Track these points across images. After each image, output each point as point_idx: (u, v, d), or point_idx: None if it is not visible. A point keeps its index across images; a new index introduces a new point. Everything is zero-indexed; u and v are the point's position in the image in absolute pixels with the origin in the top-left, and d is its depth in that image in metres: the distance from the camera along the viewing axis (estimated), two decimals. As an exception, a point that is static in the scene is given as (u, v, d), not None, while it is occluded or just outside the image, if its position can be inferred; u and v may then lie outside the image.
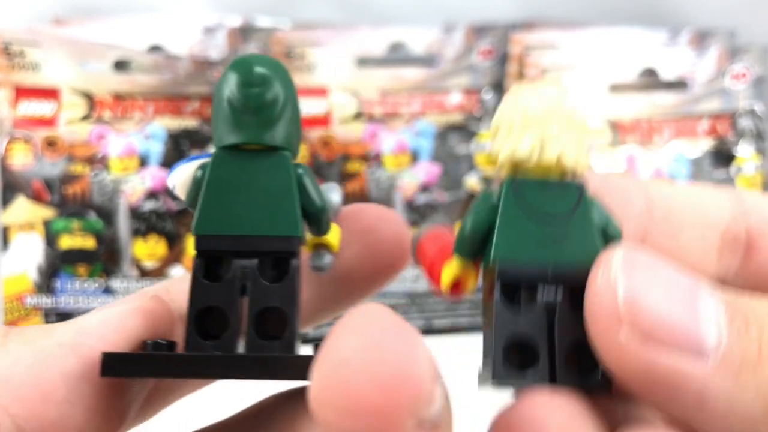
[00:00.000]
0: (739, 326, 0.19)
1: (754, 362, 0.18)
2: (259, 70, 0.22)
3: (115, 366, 0.20)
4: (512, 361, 0.21)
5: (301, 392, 0.24)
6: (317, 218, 0.23)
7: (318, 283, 0.26)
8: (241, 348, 0.22)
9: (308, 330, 0.26)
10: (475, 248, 0.22)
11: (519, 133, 0.22)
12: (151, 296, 0.23)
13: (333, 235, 0.25)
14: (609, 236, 0.22)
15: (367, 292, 0.27)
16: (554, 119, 0.22)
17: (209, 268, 0.22)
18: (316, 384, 0.17)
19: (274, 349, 0.21)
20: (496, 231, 0.21)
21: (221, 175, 0.22)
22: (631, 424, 0.20)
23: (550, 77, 0.23)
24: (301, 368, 0.20)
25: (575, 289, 0.21)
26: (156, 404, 0.25)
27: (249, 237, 0.22)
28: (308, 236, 0.24)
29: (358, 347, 0.16)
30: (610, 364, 0.19)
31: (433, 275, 0.24)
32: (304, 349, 0.23)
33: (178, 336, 0.22)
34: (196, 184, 0.23)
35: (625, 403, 0.23)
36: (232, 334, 0.21)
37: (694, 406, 0.18)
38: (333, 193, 0.25)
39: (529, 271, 0.21)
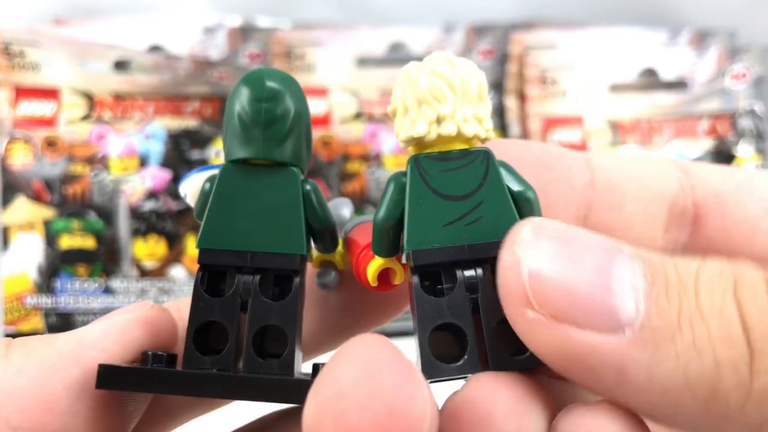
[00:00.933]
0: (658, 292, 0.18)
1: (672, 331, 0.17)
2: (270, 84, 0.22)
3: (111, 379, 0.20)
4: (442, 353, 0.20)
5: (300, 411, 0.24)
6: (323, 236, 0.23)
7: (322, 308, 0.25)
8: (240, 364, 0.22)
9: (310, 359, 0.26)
10: (391, 242, 0.22)
11: (414, 113, 0.21)
12: (153, 305, 0.23)
13: (340, 253, 0.24)
14: (524, 201, 0.21)
15: (372, 324, 0.26)
16: (447, 92, 0.21)
17: (211, 282, 0.22)
18: (310, 412, 0.16)
19: (273, 368, 0.21)
20: (406, 221, 0.21)
21: (228, 189, 0.22)
22: (575, 403, 0.19)
23: (443, 54, 0.22)
24: (297, 392, 0.20)
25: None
26: (164, 422, 0.25)
27: (253, 253, 0.22)
28: (315, 253, 0.24)
29: (355, 379, 0.16)
30: (526, 343, 0.19)
31: (359, 272, 0.23)
32: (305, 367, 0.23)
33: (181, 348, 0.22)
34: (203, 197, 0.22)
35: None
36: (230, 350, 0.21)
37: (613, 381, 0.17)
38: (343, 209, 0.25)
39: (445, 257, 0.21)
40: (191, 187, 0.24)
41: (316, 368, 0.21)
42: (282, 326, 0.21)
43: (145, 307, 0.23)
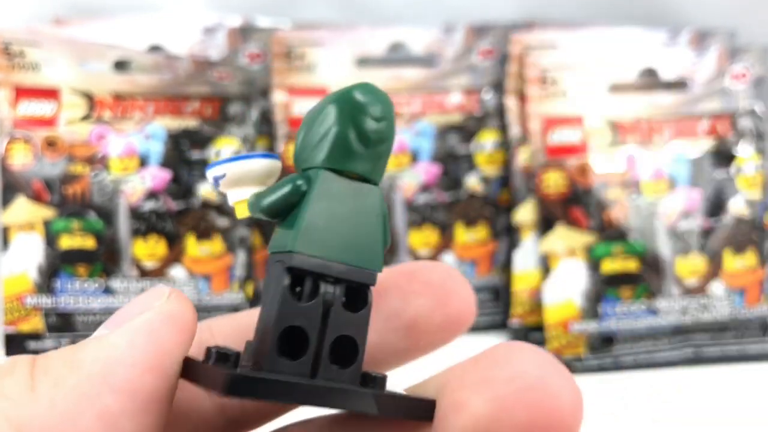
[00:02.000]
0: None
1: None
2: (386, 104, 0.23)
3: (243, 387, 0.19)
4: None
5: (313, 422, 0.24)
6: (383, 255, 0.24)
7: (383, 331, 0.25)
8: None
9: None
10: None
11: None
12: (170, 292, 0.22)
13: None
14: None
15: (432, 347, 0.26)
16: None
17: (293, 287, 0.22)
18: (491, 405, 0.19)
19: (344, 377, 0.22)
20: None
21: (326, 196, 0.22)
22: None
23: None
24: (425, 410, 0.21)
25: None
26: None
27: (339, 263, 0.22)
28: None
29: (542, 375, 0.18)
30: None
31: None
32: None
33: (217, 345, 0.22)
34: (289, 197, 0.22)
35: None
36: (309, 357, 0.22)
37: None
38: None
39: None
40: (236, 171, 0.23)
41: (365, 377, 0.23)
42: (355, 337, 0.22)
43: (162, 297, 0.21)
